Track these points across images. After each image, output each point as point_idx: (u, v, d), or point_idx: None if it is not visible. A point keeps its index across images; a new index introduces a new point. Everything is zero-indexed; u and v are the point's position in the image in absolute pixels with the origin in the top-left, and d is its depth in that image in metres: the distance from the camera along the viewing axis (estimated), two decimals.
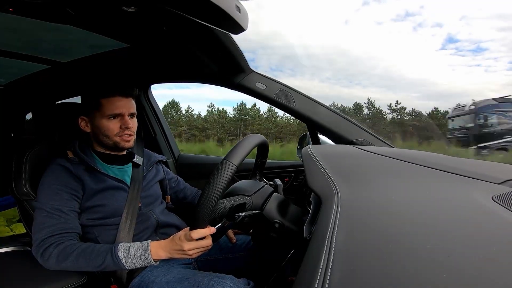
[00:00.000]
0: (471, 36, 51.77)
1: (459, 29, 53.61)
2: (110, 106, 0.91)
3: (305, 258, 0.37)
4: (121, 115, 0.93)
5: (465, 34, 52.66)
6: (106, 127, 0.92)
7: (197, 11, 0.62)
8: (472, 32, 52.04)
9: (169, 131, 1.74)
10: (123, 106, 0.92)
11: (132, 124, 0.95)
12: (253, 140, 0.72)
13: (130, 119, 0.95)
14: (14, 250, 0.94)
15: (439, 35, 52.48)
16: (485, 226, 0.37)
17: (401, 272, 0.28)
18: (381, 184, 0.56)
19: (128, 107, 0.93)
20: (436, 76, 49.43)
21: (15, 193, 0.91)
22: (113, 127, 0.92)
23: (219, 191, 0.62)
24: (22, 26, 0.82)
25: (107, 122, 0.92)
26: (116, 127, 0.92)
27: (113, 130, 0.92)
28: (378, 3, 55.03)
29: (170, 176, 1.16)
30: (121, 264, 0.75)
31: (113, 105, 0.91)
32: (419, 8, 54.48)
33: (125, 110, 0.93)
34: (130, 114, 0.95)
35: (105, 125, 0.92)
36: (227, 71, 1.15)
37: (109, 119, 0.92)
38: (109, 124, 0.92)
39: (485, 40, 48.45)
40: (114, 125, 0.92)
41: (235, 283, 0.74)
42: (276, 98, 1.14)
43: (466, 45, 50.69)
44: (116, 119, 0.92)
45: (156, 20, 0.76)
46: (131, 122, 0.95)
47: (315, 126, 1.16)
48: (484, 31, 50.27)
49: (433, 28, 51.41)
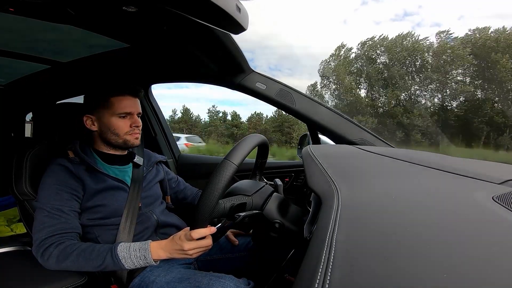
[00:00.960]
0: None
1: (458, 29, 53.52)
2: (120, 105, 0.93)
3: (305, 258, 0.37)
4: (131, 114, 0.95)
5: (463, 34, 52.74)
6: (116, 125, 0.93)
7: (197, 11, 0.62)
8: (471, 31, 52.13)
9: (169, 131, 1.74)
10: (133, 105, 0.95)
11: (140, 123, 0.97)
12: (253, 140, 0.72)
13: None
14: (14, 250, 0.94)
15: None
16: (485, 226, 0.37)
17: (401, 272, 0.28)
18: (382, 184, 0.56)
19: (137, 107, 0.96)
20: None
21: (16, 193, 0.91)
22: (123, 125, 0.94)
23: (219, 191, 0.62)
24: (22, 26, 0.82)
25: (117, 120, 0.93)
26: (126, 126, 0.94)
27: (123, 129, 0.94)
28: (376, 2, 54.99)
29: (171, 176, 1.16)
30: (121, 264, 0.75)
31: (124, 104, 0.93)
32: (417, 8, 54.44)
33: (134, 109, 0.95)
34: (138, 113, 0.97)
35: (115, 123, 0.93)
36: (227, 71, 1.15)
37: (119, 118, 0.93)
38: (119, 123, 0.93)
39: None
40: (125, 124, 0.94)
41: (235, 283, 0.74)
42: (276, 98, 1.14)
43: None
44: (126, 117, 0.94)
45: (156, 20, 0.76)
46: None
47: (316, 126, 1.16)
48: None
49: (432, 28, 51.38)
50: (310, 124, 1.17)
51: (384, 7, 51.68)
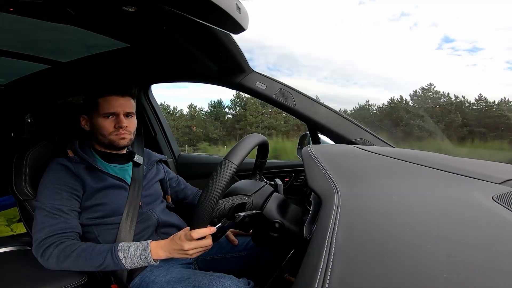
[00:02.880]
0: (467, 36, 51.72)
1: (455, 29, 53.45)
2: (106, 105, 0.93)
3: (305, 258, 0.37)
4: (116, 114, 0.94)
5: (461, 34, 52.57)
6: (102, 125, 0.93)
7: (197, 11, 0.62)
8: (468, 31, 51.98)
9: (169, 131, 1.74)
10: (118, 105, 0.93)
11: (127, 123, 0.95)
12: (253, 140, 0.72)
13: (126, 119, 0.95)
14: (14, 250, 0.94)
15: (435, 35, 52.38)
16: (485, 226, 0.37)
17: (401, 272, 0.28)
18: (381, 184, 0.56)
19: (124, 106, 0.94)
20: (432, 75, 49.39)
21: (15, 192, 0.91)
22: (108, 125, 0.93)
23: (219, 191, 0.62)
24: (22, 26, 0.82)
25: (103, 120, 0.93)
26: (110, 126, 0.93)
27: (108, 129, 0.93)
28: (374, 3, 54.96)
29: (171, 175, 1.16)
30: (121, 264, 0.75)
31: (109, 104, 0.93)
32: (414, 7, 54.39)
33: (120, 109, 0.94)
34: (126, 113, 0.95)
35: (101, 124, 0.93)
36: (227, 71, 1.15)
37: (104, 118, 0.93)
38: (104, 123, 0.93)
39: (481, 40, 48.44)
40: (109, 124, 0.93)
41: (235, 283, 0.74)
42: (277, 97, 1.14)
43: (462, 44, 50.59)
44: (111, 118, 0.94)
45: (156, 20, 0.76)
46: (127, 121, 0.95)
47: (316, 126, 1.16)
48: (480, 31, 50.21)
49: (429, 28, 51.30)
50: (310, 124, 1.17)
51: (381, 7, 51.66)
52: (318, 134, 1.21)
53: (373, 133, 1.11)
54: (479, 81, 44.47)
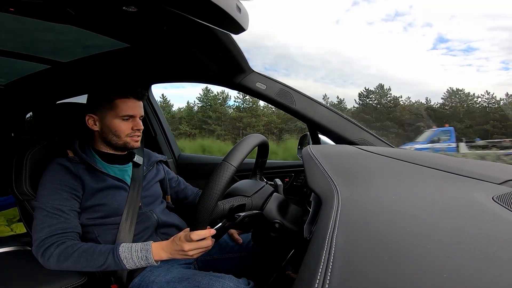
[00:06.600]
0: (462, 36, 51.62)
1: (450, 29, 53.38)
2: (124, 107, 0.92)
3: (305, 258, 0.37)
4: (134, 116, 0.95)
5: (455, 34, 52.45)
6: (118, 127, 0.93)
7: (197, 11, 0.62)
8: (463, 31, 51.89)
9: (169, 131, 1.74)
10: (136, 108, 0.95)
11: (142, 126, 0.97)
12: (252, 141, 0.72)
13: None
14: (14, 250, 0.94)
15: (429, 35, 52.26)
16: (485, 226, 0.37)
17: (401, 272, 0.28)
18: (381, 184, 0.56)
19: (139, 110, 0.96)
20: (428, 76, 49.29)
21: (16, 192, 0.91)
22: (125, 128, 0.94)
23: (218, 193, 0.62)
24: (22, 26, 0.82)
25: (120, 122, 0.93)
26: (128, 128, 0.94)
27: (125, 131, 0.94)
28: (368, 3, 54.95)
29: (171, 176, 1.16)
30: (123, 264, 0.75)
31: (128, 106, 0.93)
32: (408, 8, 54.36)
33: (137, 112, 0.95)
34: (140, 116, 0.97)
35: (117, 125, 0.93)
36: (227, 71, 1.15)
37: (122, 120, 0.93)
38: (121, 125, 0.93)
39: (475, 40, 48.38)
40: (126, 126, 0.94)
41: (235, 283, 0.74)
42: (277, 98, 1.14)
43: (457, 44, 50.49)
44: (129, 120, 0.94)
45: (156, 20, 0.76)
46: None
47: (316, 126, 1.16)
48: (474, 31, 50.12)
49: (423, 28, 51.21)
50: (310, 124, 1.17)
51: (375, 8, 51.70)
52: (318, 134, 1.21)
53: (373, 133, 1.11)
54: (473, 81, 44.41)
